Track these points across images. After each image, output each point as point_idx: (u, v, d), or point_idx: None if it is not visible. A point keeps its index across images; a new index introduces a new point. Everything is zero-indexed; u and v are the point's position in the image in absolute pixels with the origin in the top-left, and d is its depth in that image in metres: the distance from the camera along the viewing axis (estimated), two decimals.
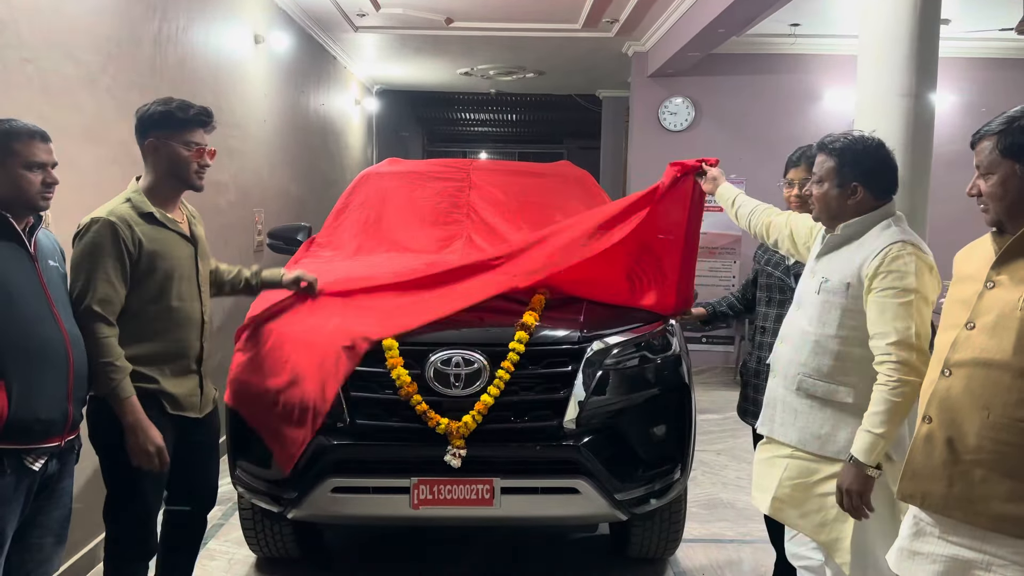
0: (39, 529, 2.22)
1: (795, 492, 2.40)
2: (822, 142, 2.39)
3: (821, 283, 2.35)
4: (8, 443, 2.06)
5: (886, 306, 2.17)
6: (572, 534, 3.97)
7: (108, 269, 2.36)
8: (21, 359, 2.08)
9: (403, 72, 9.83)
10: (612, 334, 3.02)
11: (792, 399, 2.41)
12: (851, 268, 2.28)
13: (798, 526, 2.43)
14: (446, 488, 2.84)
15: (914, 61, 2.93)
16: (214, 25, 4.90)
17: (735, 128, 7.49)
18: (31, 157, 2.12)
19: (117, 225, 2.39)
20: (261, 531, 3.35)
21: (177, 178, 2.54)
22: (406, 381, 2.82)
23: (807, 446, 2.37)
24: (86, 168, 3.36)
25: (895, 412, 2.12)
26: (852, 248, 2.32)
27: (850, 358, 2.30)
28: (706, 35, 5.99)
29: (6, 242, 2.12)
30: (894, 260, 2.19)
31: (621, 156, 10.03)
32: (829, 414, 2.33)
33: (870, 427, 2.14)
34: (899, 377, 2.12)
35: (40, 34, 3.08)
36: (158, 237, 2.48)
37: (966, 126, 2.06)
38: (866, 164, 2.31)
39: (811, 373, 2.35)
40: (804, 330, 2.39)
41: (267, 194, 5.99)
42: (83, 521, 3.24)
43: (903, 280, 2.17)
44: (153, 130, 2.52)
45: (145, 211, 2.47)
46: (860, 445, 2.15)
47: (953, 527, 1.83)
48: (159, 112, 2.52)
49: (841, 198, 2.33)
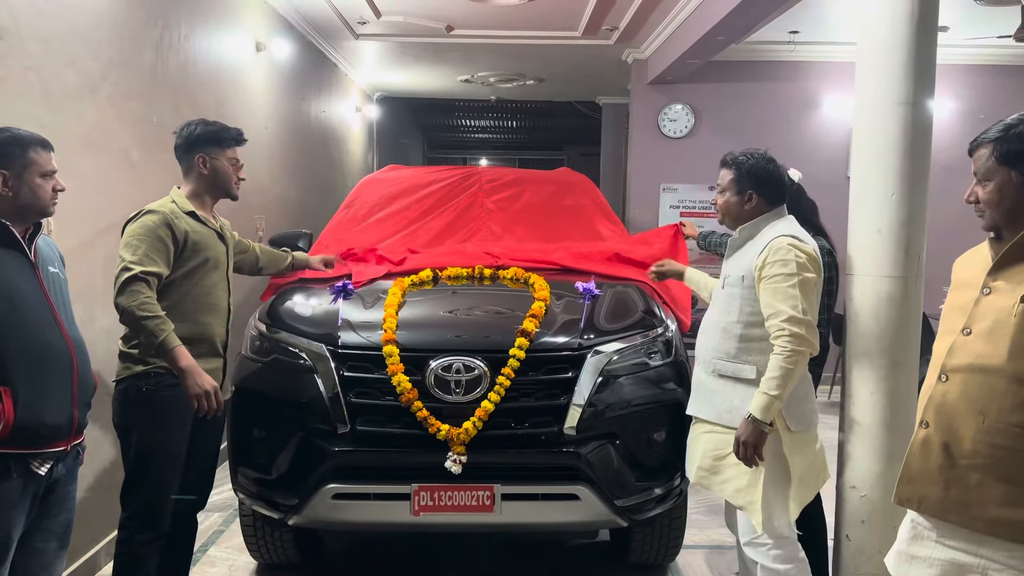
0: (43, 533, 2.23)
1: (715, 462, 2.72)
2: (724, 158, 2.83)
3: (725, 279, 2.78)
4: (15, 448, 2.08)
5: (776, 290, 2.55)
6: (572, 540, 3.97)
7: (156, 246, 2.66)
8: (26, 366, 2.10)
9: (404, 79, 9.85)
10: (612, 340, 3.03)
11: (709, 380, 2.76)
12: (746, 263, 2.68)
13: (720, 492, 2.74)
14: (447, 494, 2.85)
15: (912, 68, 2.93)
16: (215, 33, 4.92)
17: (734, 135, 7.50)
18: (46, 166, 2.20)
19: (168, 215, 2.72)
20: (262, 537, 3.36)
21: (219, 188, 2.92)
22: (407, 387, 2.82)
23: (721, 419, 2.69)
24: (87, 175, 3.37)
25: (787, 377, 2.49)
26: (748, 247, 2.72)
27: (751, 339, 2.66)
28: (705, 42, 6.01)
29: (6, 250, 2.14)
30: (777, 251, 2.57)
31: (621, 163, 10.04)
32: (738, 390, 2.66)
33: (766, 389, 2.50)
34: (792, 348, 2.48)
35: (42, 42, 3.09)
36: (200, 231, 2.81)
37: (965, 133, 2.09)
38: (760, 176, 2.74)
39: (721, 356, 2.72)
40: (714, 320, 2.78)
41: (268, 201, 6.01)
42: (85, 527, 3.24)
43: (787, 267, 2.55)
44: (201, 147, 2.86)
45: (187, 210, 2.80)
46: (757, 404, 2.51)
47: (950, 531, 1.84)
48: (208, 132, 2.87)
49: (739, 204, 2.76)
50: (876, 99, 3.03)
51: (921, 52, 2.96)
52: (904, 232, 2.98)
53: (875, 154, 3.03)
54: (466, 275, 3.50)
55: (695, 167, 7.52)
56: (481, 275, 3.51)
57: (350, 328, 3.03)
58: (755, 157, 2.77)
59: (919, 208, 3.01)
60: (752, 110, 7.49)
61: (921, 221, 3.02)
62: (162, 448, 2.69)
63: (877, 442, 3.03)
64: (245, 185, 3.09)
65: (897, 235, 2.99)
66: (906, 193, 2.98)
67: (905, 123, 2.97)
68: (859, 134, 3.13)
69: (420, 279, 3.40)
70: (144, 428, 2.67)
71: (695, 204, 7.62)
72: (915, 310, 3.04)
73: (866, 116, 3.09)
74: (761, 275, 2.59)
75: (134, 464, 2.70)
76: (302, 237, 4.27)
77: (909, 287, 3.00)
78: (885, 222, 3.00)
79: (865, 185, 3.07)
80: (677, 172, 7.60)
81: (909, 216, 2.98)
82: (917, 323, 3.06)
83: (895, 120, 2.98)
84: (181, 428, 2.71)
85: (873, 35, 3.06)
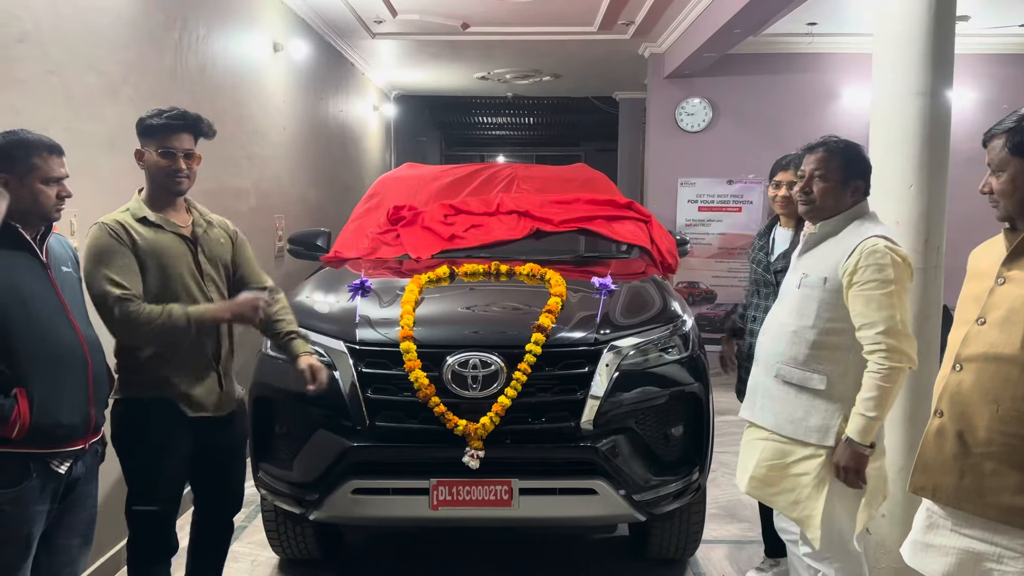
0: (65, 531, 2.26)
1: (770, 472, 2.58)
2: (824, 140, 2.56)
3: (801, 278, 2.54)
4: (33, 448, 2.10)
5: (870, 298, 2.34)
6: (591, 535, 3.97)
7: (112, 261, 2.44)
8: (40, 366, 2.11)
9: (420, 77, 9.88)
10: (628, 335, 3.03)
11: (771, 386, 2.59)
12: (829, 263, 2.46)
13: (774, 503, 2.63)
14: (465, 489, 2.86)
15: (930, 59, 2.91)
16: (234, 34, 4.96)
17: (752, 128, 7.47)
18: (49, 172, 2.16)
19: (109, 226, 2.49)
20: (284, 533, 3.39)
21: (158, 186, 2.58)
22: (424, 383, 2.84)
23: (782, 429, 2.55)
24: (108, 176, 3.42)
25: (886, 396, 2.32)
26: (829, 245, 2.50)
27: (824, 347, 2.47)
28: (722, 35, 5.98)
29: (18, 251, 2.15)
30: (871, 254, 2.36)
31: (639, 157, 10.02)
32: (803, 400, 2.50)
33: (864, 411, 2.33)
34: (889, 365, 2.31)
35: (63, 45, 3.14)
36: (153, 237, 2.53)
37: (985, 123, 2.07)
38: (864, 165, 2.53)
39: (788, 361, 2.53)
40: (783, 322, 2.58)
41: (287, 200, 6.06)
42: (109, 523, 3.30)
43: (882, 272, 2.34)
44: (140, 140, 2.58)
45: (140, 216, 2.55)
46: (855, 427, 2.34)
47: (965, 520, 1.84)
48: (139, 121, 2.58)
49: (842, 194, 2.50)
50: (893, 90, 3.01)
51: (939, 42, 2.94)
52: (923, 223, 2.97)
53: (893, 145, 3.02)
54: (482, 272, 3.52)
55: (713, 161, 7.50)
56: (497, 271, 3.53)
57: (368, 325, 3.05)
58: (854, 144, 2.54)
59: (938, 199, 2.99)
60: (770, 103, 7.45)
61: (940, 212, 3.00)
62: (155, 473, 2.55)
63: (898, 435, 3.01)
64: (264, 185, 3.01)
65: (916, 226, 2.97)
66: (925, 184, 2.96)
67: (923, 114, 2.96)
68: (877, 125, 3.11)
69: (437, 276, 3.42)
70: (136, 453, 2.56)
71: (713, 198, 7.59)
72: (935, 302, 3.02)
73: (883, 107, 3.07)
74: (852, 280, 2.38)
75: (130, 488, 2.60)
76: (321, 236, 4.31)
77: (929, 279, 2.99)
78: (904, 214, 2.98)
79: (883, 177, 3.05)
80: (695, 166, 7.57)
81: (928, 207, 2.97)
82: (938, 314, 3.04)
83: (913, 111, 2.96)
84: (177, 452, 2.58)
85: (890, 26, 3.04)
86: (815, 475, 2.46)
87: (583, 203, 4.23)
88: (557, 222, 4.04)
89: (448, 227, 4.04)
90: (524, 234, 3.98)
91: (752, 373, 2.74)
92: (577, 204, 4.22)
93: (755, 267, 3.30)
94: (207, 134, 2.66)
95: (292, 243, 4.34)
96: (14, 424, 2.04)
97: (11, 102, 2.82)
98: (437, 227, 4.03)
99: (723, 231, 7.59)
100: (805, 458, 2.50)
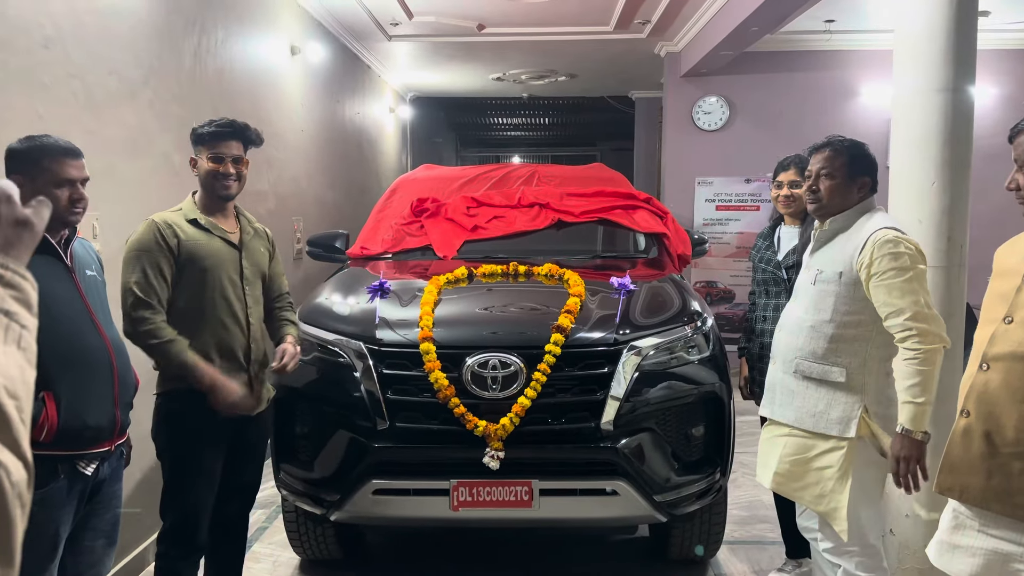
0: (91, 532, 2.28)
1: (794, 467, 2.60)
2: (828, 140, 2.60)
3: (816, 275, 2.57)
4: (60, 450, 2.12)
5: (892, 287, 2.36)
6: (611, 536, 3.96)
7: (149, 262, 2.58)
8: (66, 369, 2.13)
9: (436, 79, 9.90)
10: (648, 335, 3.02)
11: (790, 381, 2.61)
12: (843, 257, 2.49)
13: (798, 498, 2.63)
14: (485, 490, 2.86)
15: (951, 55, 2.88)
16: (251, 37, 4.99)
17: (770, 126, 7.42)
18: (60, 174, 2.16)
19: (158, 225, 2.62)
20: (305, 533, 3.41)
21: (207, 190, 2.75)
22: (443, 384, 2.84)
23: (803, 424, 2.57)
24: (130, 179, 3.45)
25: (929, 379, 2.31)
26: (841, 240, 2.54)
27: (843, 340, 2.50)
28: (739, 34, 5.95)
29: (43, 256, 2.16)
30: (883, 244, 2.39)
31: (655, 157, 9.98)
32: (823, 393, 2.52)
33: (911, 398, 2.32)
34: (924, 348, 2.31)
35: (85, 50, 3.17)
36: (200, 239, 2.67)
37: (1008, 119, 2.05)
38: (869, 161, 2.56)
39: (807, 356, 2.55)
40: (800, 318, 2.60)
41: (305, 202, 6.08)
42: (134, 524, 3.32)
43: (898, 260, 2.36)
44: (194, 148, 2.76)
45: (191, 217, 2.70)
46: (906, 416, 2.33)
47: (993, 520, 1.82)
48: (192, 132, 2.76)
49: (849, 191, 2.54)
50: (915, 87, 2.98)
51: (961, 38, 2.90)
52: (946, 221, 2.94)
53: (915, 143, 2.99)
54: (500, 272, 3.52)
55: (730, 160, 7.45)
56: (516, 272, 3.53)
57: (387, 326, 3.06)
58: (859, 142, 2.59)
59: (961, 197, 2.96)
60: (788, 101, 7.40)
61: (963, 210, 2.97)
62: (194, 466, 2.67)
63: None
64: (283, 187, 3.07)
65: (939, 224, 2.94)
66: (947, 182, 2.93)
67: (945, 110, 2.92)
68: (898, 123, 3.08)
69: (455, 276, 3.43)
70: (176, 446, 2.67)
71: (731, 197, 7.55)
72: (959, 300, 2.99)
73: (905, 104, 3.04)
74: (871, 272, 2.40)
75: (168, 481, 2.70)
76: (339, 238, 4.33)
77: (952, 277, 2.95)
78: (926, 212, 2.96)
79: (905, 174, 3.02)
80: (712, 165, 7.53)
81: (951, 205, 2.93)
82: (961, 314, 3.01)
83: (935, 108, 2.93)
84: (213, 446, 2.69)
85: (911, 22, 3.01)
86: (838, 467, 2.48)
87: (603, 195, 4.27)
88: (578, 213, 4.08)
89: (471, 219, 4.09)
90: (546, 224, 4.02)
91: (769, 371, 2.75)
92: (597, 197, 4.26)
93: (763, 266, 3.29)
94: (255, 141, 2.82)
95: (311, 245, 4.36)
96: (42, 427, 2.07)
97: (34, 106, 2.85)
98: (460, 218, 4.09)
99: (741, 230, 7.55)
100: (828, 451, 2.51)
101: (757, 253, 3.36)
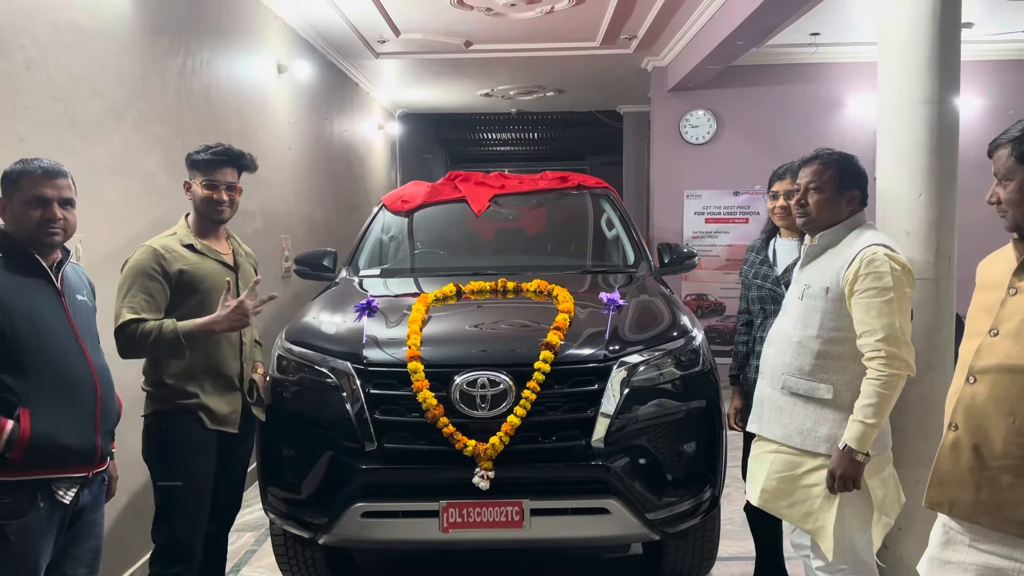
0: (72, 560, 2.25)
1: (781, 484, 2.57)
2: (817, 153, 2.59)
3: (804, 290, 2.55)
4: (35, 472, 2.09)
5: (870, 306, 2.35)
6: (604, 555, 3.93)
7: (146, 285, 2.63)
8: (46, 389, 2.11)
9: (424, 95, 9.91)
10: (638, 351, 3.00)
11: (777, 397, 2.59)
12: (830, 273, 2.48)
13: (786, 516, 2.60)
14: (475, 511, 2.83)
15: (936, 66, 2.88)
16: (237, 57, 4.98)
17: (757, 139, 7.45)
18: (31, 193, 2.14)
19: (159, 251, 2.68)
20: (293, 557, 3.36)
21: (202, 215, 2.82)
22: (432, 403, 2.81)
23: (791, 441, 2.54)
24: (115, 200, 3.42)
25: (884, 403, 2.32)
26: (830, 255, 2.52)
27: (829, 357, 2.47)
28: (725, 48, 5.98)
29: (33, 278, 2.16)
30: (870, 262, 2.38)
31: (644, 170, 10.01)
32: (811, 410, 2.50)
33: (862, 417, 2.32)
34: (889, 372, 2.31)
35: (68, 72, 3.15)
36: (197, 263, 2.75)
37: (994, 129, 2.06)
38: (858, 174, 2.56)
39: (794, 372, 2.53)
40: (788, 333, 2.58)
41: (293, 221, 6.06)
42: (120, 550, 3.27)
43: (881, 280, 2.35)
44: (189, 172, 2.83)
45: (187, 242, 2.77)
46: (852, 434, 2.34)
47: (983, 534, 1.81)
48: (187, 157, 2.83)
49: (838, 204, 2.53)
50: (900, 98, 2.98)
51: (944, 49, 2.91)
52: (934, 233, 2.93)
53: (901, 155, 2.99)
54: (489, 289, 3.51)
55: (719, 173, 7.48)
56: (504, 289, 3.51)
57: (375, 345, 3.03)
58: (849, 155, 2.59)
59: (948, 208, 2.95)
60: (775, 113, 7.44)
61: (951, 222, 2.96)
62: (186, 482, 2.70)
63: (912, 448, 2.96)
64: (271, 206, 3.10)
65: (927, 237, 2.93)
66: (934, 193, 2.92)
67: (931, 122, 2.92)
68: (884, 135, 3.08)
69: (443, 294, 3.41)
70: (167, 465, 2.71)
71: (720, 210, 7.57)
72: (947, 313, 2.98)
73: (890, 116, 3.04)
74: (853, 288, 2.39)
75: (160, 500, 2.73)
76: (327, 256, 4.30)
77: (941, 289, 2.94)
78: (914, 224, 2.95)
79: (892, 187, 3.02)
80: (701, 178, 7.56)
81: (938, 217, 2.93)
82: (950, 326, 2.99)
83: (920, 119, 2.93)
84: (203, 463, 2.73)
85: (895, 34, 3.02)
86: (826, 485, 2.45)
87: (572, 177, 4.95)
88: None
89: (496, 182, 4.66)
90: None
91: (758, 386, 2.73)
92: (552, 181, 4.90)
93: (760, 283, 3.06)
94: (249, 168, 2.90)
95: (299, 263, 4.33)
96: (14, 444, 2.03)
97: (16, 129, 2.83)
98: (490, 180, 4.66)
99: (730, 242, 7.57)
100: (815, 468, 2.49)
101: (750, 269, 3.15)
